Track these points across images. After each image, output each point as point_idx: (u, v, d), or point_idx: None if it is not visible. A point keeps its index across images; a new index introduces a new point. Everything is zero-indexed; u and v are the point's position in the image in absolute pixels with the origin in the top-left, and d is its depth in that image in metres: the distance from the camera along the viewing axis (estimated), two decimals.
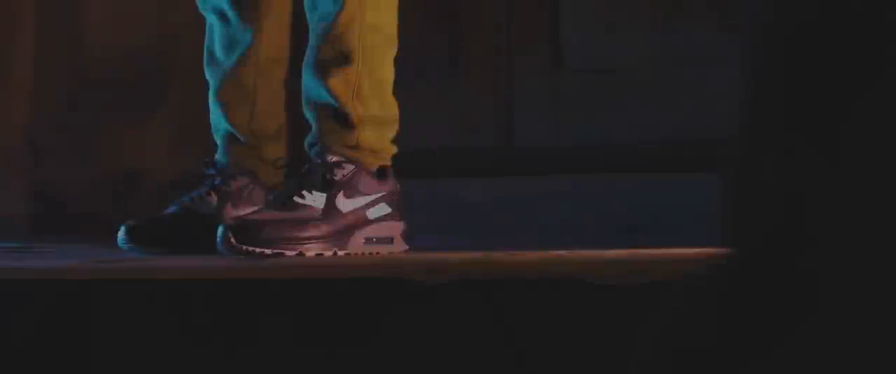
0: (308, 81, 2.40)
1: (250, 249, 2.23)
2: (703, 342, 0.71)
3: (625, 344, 1.46)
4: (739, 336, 0.70)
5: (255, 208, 2.42)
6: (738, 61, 0.75)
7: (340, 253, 2.32)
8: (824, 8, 0.70)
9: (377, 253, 2.37)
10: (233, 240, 2.23)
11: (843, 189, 0.69)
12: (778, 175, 0.71)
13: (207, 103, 2.60)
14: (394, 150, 2.42)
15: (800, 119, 0.71)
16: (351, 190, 2.36)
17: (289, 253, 2.26)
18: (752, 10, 0.74)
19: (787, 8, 0.72)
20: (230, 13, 2.53)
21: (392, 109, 2.41)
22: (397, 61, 2.41)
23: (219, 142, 2.60)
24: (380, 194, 2.39)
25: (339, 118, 2.37)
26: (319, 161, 2.37)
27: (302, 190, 2.34)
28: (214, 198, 2.55)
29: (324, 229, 2.31)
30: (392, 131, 2.42)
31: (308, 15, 2.42)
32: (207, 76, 2.59)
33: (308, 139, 2.41)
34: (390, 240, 2.40)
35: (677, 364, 0.71)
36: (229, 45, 2.55)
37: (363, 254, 2.35)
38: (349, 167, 2.37)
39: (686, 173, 2.78)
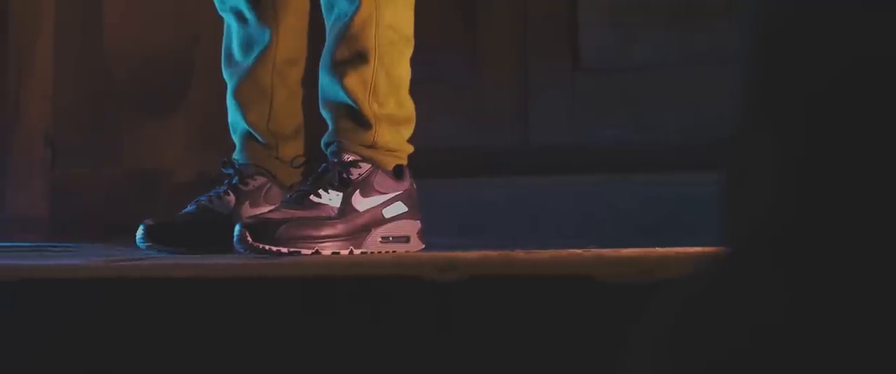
0: (325, 80, 2.40)
1: (267, 247, 2.23)
2: (698, 339, 0.71)
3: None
4: (731, 333, 0.70)
5: (273, 207, 2.43)
6: (736, 57, 0.75)
7: (357, 252, 2.32)
8: (812, 5, 0.71)
9: (393, 252, 2.37)
10: (249, 239, 2.24)
11: (835, 185, 0.70)
12: (768, 170, 0.72)
13: (226, 103, 2.61)
14: (410, 149, 2.43)
15: (790, 114, 0.71)
16: (367, 189, 2.37)
17: (305, 252, 2.26)
18: (745, 9, 0.74)
19: (775, 6, 0.73)
20: (248, 14, 2.54)
21: (408, 108, 2.41)
22: (414, 61, 2.42)
23: (237, 141, 2.60)
24: (396, 193, 2.40)
25: (355, 117, 2.37)
26: (336, 160, 2.38)
27: (318, 189, 2.35)
28: (232, 197, 2.56)
29: (340, 227, 2.32)
30: (408, 130, 2.42)
31: (325, 15, 2.42)
32: (225, 76, 2.60)
33: (324, 138, 2.42)
34: (406, 239, 2.40)
35: (670, 363, 0.72)
36: (247, 45, 2.56)
37: (379, 253, 2.35)
38: (365, 166, 2.37)
39: (705, 173, 2.78)
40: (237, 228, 2.26)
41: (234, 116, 2.59)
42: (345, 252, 2.31)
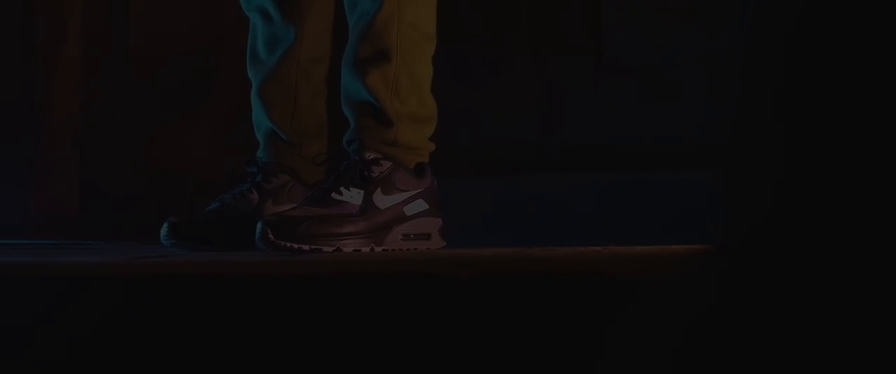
0: (347, 78, 2.41)
1: (288, 245, 2.24)
2: (695, 336, 0.72)
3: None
4: (731, 330, 0.71)
5: (295, 205, 2.43)
6: (733, 58, 0.76)
7: (378, 249, 2.33)
8: (813, 7, 0.71)
9: (414, 249, 2.38)
10: (271, 236, 2.24)
11: (832, 182, 0.70)
12: (767, 169, 0.72)
13: (250, 102, 2.62)
14: (432, 147, 2.43)
15: (789, 113, 0.72)
16: (388, 187, 2.37)
17: (326, 249, 2.27)
18: (747, 9, 0.75)
19: (777, 7, 0.73)
20: (273, 13, 2.55)
21: (430, 106, 2.42)
22: (437, 59, 2.42)
23: (260, 139, 2.61)
24: (417, 191, 2.40)
25: (377, 115, 2.38)
26: (357, 158, 2.38)
27: (340, 186, 2.35)
28: (255, 195, 2.57)
29: (361, 225, 2.32)
30: (430, 128, 2.42)
31: (348, 13, 2.43)
32: (250, 75, 2.61)
33: (346, 136, 2.43)
34: (428, 236, 2.41)
35: (665, 360, 0.72)
36: (272, 43, 2.57)
37: (400, 250, 2.36)
38: (387, 164, 2.38)
39: None
40: (259, 225, 2.27)
41: (258, 114, 2.60)
42: (366, 249, 2.31)
